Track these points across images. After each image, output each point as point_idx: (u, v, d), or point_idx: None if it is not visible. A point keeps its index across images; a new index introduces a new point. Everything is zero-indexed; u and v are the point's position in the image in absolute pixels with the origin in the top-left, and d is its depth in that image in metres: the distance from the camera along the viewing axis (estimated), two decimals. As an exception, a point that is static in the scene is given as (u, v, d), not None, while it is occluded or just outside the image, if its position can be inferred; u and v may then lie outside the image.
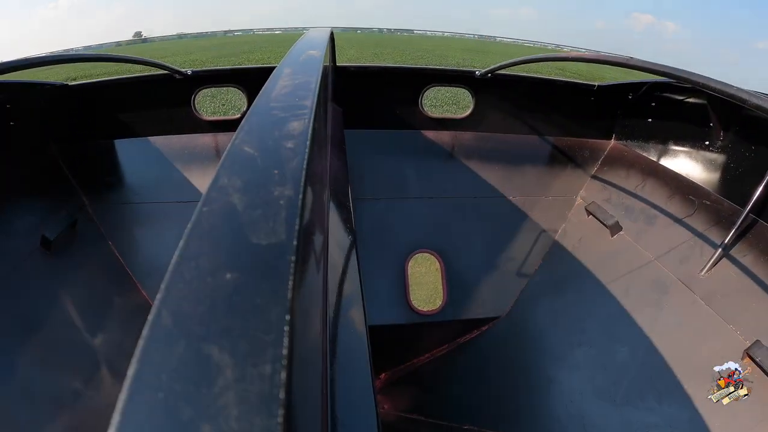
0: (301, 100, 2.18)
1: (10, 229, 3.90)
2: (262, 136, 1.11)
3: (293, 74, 1.50)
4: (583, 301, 4.05)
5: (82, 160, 4.75)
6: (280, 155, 1.39)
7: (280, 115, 1.58)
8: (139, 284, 4.41)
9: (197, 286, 0.59)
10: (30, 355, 3.42)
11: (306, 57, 1.94)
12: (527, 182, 4.81)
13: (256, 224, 0.70)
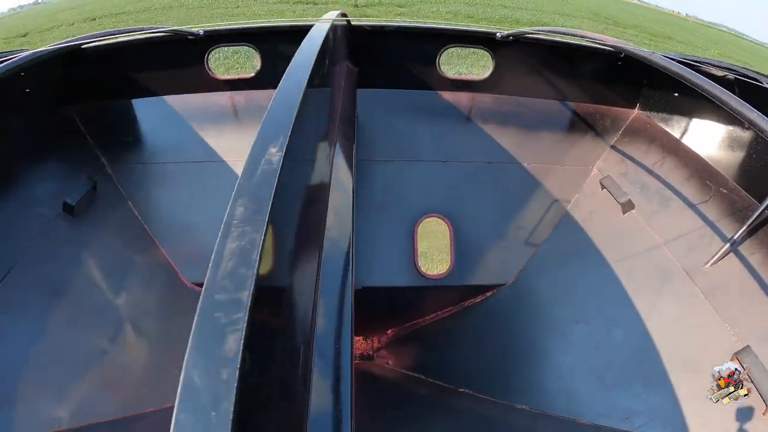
0: (298, 68, 2.47)
1: (33, 196, 4.12)
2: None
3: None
4: (586, 277, 4.10)
5: (100, 121, 4.86)
6: (274, 122, 1.69)
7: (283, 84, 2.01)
8: (158, 242, 4.57)
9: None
10: (58, 316, 3.70)
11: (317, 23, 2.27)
12: (544, 149, 4.75)
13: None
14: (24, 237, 3.87)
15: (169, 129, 4.94)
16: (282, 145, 1.48)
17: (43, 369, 3.41)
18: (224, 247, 1.15)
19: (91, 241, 4.26)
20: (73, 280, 3.95)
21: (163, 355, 4.02)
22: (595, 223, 4.36)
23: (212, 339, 0.98)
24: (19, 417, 3.15)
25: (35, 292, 3.70)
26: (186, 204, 4.72)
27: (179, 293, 4.45)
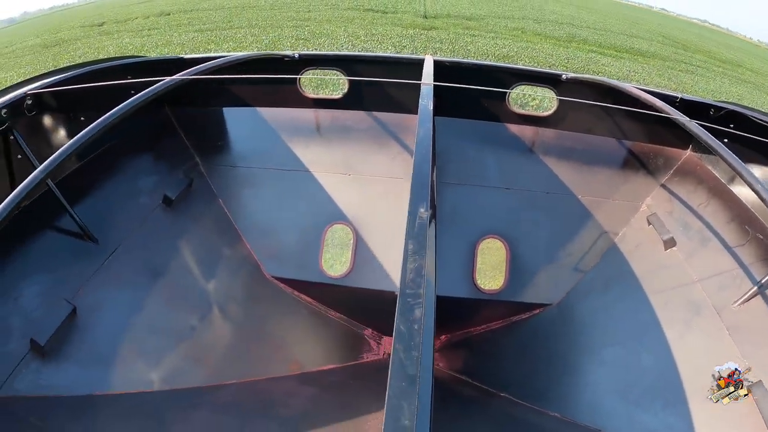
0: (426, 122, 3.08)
1: (137, 188, 4.66)
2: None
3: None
4: (625, 304, 4.38)
5: (195, 125, 5.41)
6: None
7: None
8: (244, 238, 5.11)
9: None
10: (155, 294, 4.22)
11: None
12: (598, 183, 5.00)
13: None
14: (128, 223, 4.37)
15: (259, 137, 5.41)
16: (428, 203, 2.12)
17: (140, 338, 3.90)
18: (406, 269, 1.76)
19: (186, 231, 4.78)
20: (170, 264, 4.47)
21: (243, 337, 4.51)
22: (638, 256, 4.60)
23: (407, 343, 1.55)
24: (117, 375, 3.60)
25: (136, 271, 4.21)
26: (270, 206, 5.22)
27: (260, 284, 4.97)
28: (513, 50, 23.14)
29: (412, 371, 1.48)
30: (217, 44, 23.19)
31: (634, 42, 32.56)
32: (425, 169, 2.45)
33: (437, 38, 24.54)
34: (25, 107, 3.87)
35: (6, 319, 3.34)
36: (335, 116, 5.32)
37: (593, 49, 27.42)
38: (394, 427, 1.33)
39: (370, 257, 5.02)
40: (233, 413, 3.81)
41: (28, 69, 22.48)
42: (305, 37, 23.37)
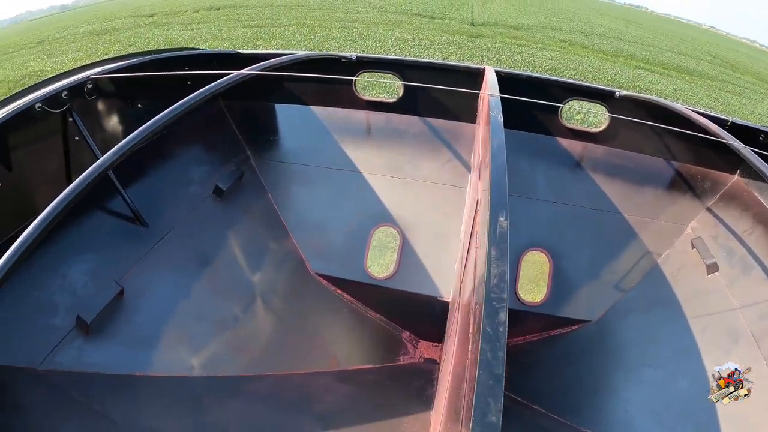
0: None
1: (188, 177, 4.80)
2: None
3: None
4: (664, 327, 4.36)
5: (248, 118, 5.53)
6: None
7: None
8: (291, 234, 5.20)
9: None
10: (202, 282, 4.34)
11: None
12: (644, 203, 4.97)
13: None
14: (178, 210, 4.52)
15: (311, 135, 5.49)
16: (507, 213, 2.22)
17: (183, 323, 4.02)
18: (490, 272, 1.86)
19: (235, 222, 4.91)
20: (217, 253, 4.60)
21: (284, 330, 4.60)
22: (680, 279, 4.56)
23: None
24: (158, 358, 3.72)
25: (184, 258, 4.35)
26: (318, 204, 5.30)
27: (304, 280, 5.05)
28: (560, 63, 22.98)
29: (499, 371, 1.56)
30: (265, 41, 23.46)
31: (682, 60, 32.05)
32: (503, 180, 2.55)
33: (484, 46, 24.47)
34: (85, 91, 4.03)
35: (53, 294, 3.47)
36: (388, 119, 5.38)
37: (640, 65, 27.04)
38: (482, 423, 1.41)
39: (415, 261, 5.05)
40: (271, 405, 3.89)
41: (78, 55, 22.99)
42: (353, 39, 23.50)
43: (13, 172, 3.57)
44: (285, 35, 24.36)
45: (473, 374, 1.70)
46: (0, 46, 30.65)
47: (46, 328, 3.35)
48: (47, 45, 27.76)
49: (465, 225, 4.81)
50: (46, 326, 3.35)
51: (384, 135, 5.40)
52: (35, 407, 3.01)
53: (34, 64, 22.17)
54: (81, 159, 4.05)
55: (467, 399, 1.83)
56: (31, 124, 3.67)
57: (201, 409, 3.61)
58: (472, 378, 1.73)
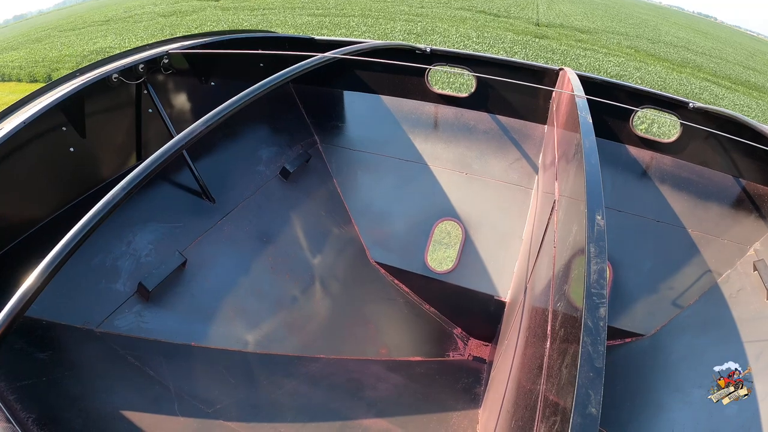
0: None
1: (256, 157, 4.90)
2: None
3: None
4: (718, 348, 4.24)
5: (317, 103, 5.58)
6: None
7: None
8: (353, 220, 5.26)
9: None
10: (263, 261, 4.43)
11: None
12: (709, 219, 4.87)
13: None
14: (245, 188, 4.62)
15: (379, 124, 5.50)
16: (603, 211, 2.26)
17: (242, 299, 4.12)
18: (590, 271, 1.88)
19: (299, 205, 4.98)
20: (280, 233, 4.68)
21: (339, 315, 4.66)
22: (738, 301, 4.43)
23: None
24: (215, 331, 3.81)
25: (247, 235, 4.44)
26: (383, 193, 5.32)
27: (363, 267, 5.10)
28: (625, 69, 22.57)
29: (599, 364, 1.58)
30: (330, 30, 23.68)
31: (750, 75, 31.08)
32: (597, 178, 2.56)
33: (548, 47, 24.20)
34: (162, 65, 4.13)
35: (117, 260, 3.60)
36: (459, 114, 5.36)
37: (707, 77, 26.38)
38: (583, 414, 1.45)
39: (475, 258, 5.05)
40: (322, 387, 3.93)
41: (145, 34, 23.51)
42: (417, 33, 23.50)
43: (87, 139, 3.67)
44: (350, 25, 24.54)
45: (556, 369, 1.75)
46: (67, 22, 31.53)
47: (108, 291, 3.47)
48: (114, 24, 28.55)
49: (529, 226, 4.79)
50: (107, 290, 3.47)
51: (453, 129, 5.39)
52: (92, 368, 3.12)
53: (102, 41, 22.83)
54: (153, 130, 4.19)
55: (545, 393, 1.88)
56: (108, 94, 3.79)
57: (254, 384, 3.68)
58: (555, 373, 1.78)
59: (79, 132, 3.61)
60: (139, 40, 21.53)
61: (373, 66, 5.22)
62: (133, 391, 3.06)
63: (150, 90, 4.06)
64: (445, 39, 22.68)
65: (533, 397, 2.07)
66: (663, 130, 14.06)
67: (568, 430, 1.43)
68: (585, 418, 1.45)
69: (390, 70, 5.27)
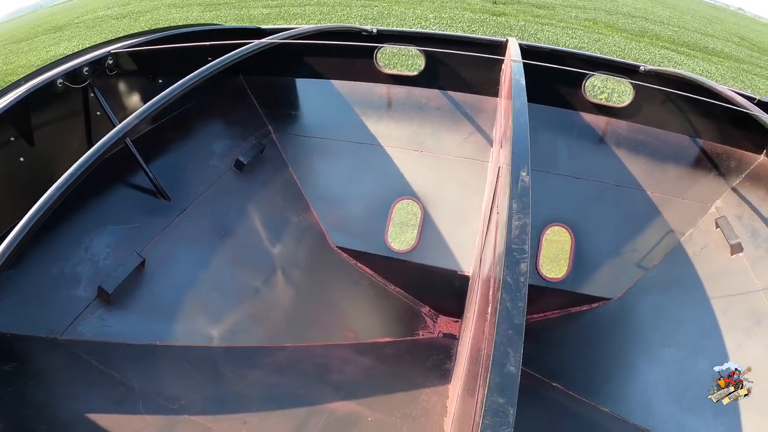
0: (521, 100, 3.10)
1: (210, 151, 4.83)
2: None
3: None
4: (684, 307, 4.32)
5: (269, 93, 5.55)
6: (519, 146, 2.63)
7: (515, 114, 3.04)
8: (312, 207, 5.24)
9: None
10: (223, 255, 4.39)
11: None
12: (668, 180, 4.94)
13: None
14: (200, 183, 4.57)
15: (332, 109, 5.53)
16: (529, 168, 2.20)
17: (204, 294, 4.09)
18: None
19: (256, 196, 4.95)
20: (238, 226, 4.64)
21: (303, 302, 4.65)
22: (702, 259, 4.52)
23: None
24: (179, 328, 3.79)
25: (205, 230, 4.40)
26: (340, 177, 5.34)
27: (324, 253, 5.11)
28: (584, 42, 22.68)
29: (519, 320, 1.53)
30: (285, 20, 23.41)
31: (709, 41, 31.38)
32: (524, 135, 2.56)
33: (506, 24, 24.25)
34: (106, 66, 4.05)
35: (76, 266, 3.55)
36: (410, 93, 5.36)
37: (666, 45, 26.57)
38: (501, 373, 1.39)
39: (435, 235, 5.04)
40: (288, 375, 3.90)
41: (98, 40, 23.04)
42: (373, 17, 23.40)
43: (36, 147, 3.62)
44: (305, 14, 24.32)
45: (492, 332, 1.67)
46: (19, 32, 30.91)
47: (69, 298, 3.42)
48: (67, 31, 27.96)
49: (487, 198, 4.80)
50: (68, 297, 3.43)
51: (405, 108, 5.38)
52: (56, 375, 3.09)
53: (55, 49, 22.40)
54: (103, 134, 4.07)
55: (485, 359, 1.81)
56: (53, 100, 3.72)
57: (220, 377, 3.65)
58: (491, 337, 1.70)
59: (27, 141, 3.56)
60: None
61: (322, 52, 5.21)
62: (98, 395, 3.03)
63: (96, 92, 3.98)
64: (402, 22, 22.62)
65: (478, 364, 2.04)
66: (624, 99, 14.31)
67: (485, 392, 1.37)
68: (503, 378, 1.40)
69: (338, 54, 5.26)
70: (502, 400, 1.33)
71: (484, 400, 1.34)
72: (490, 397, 1.34)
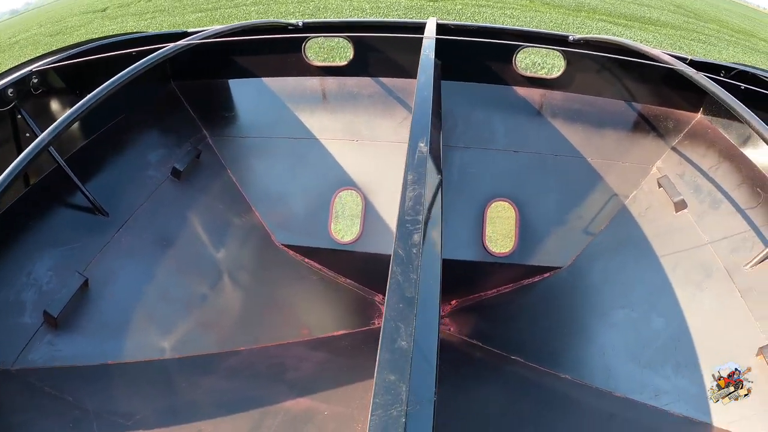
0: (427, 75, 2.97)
1: (145, 162, 4.72)
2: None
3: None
4: (635, 267, 4.40)
5: (201, 97, 5.45)
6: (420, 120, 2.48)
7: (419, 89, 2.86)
8: (253, 207, 5.16)
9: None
10: (166, 264, 4.30)
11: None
12: (607, 146, 5.01)
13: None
14: (138, 195, 4.47)
15: (265, 107, 5.47)
16: (428, 138, 2.15)
17: (151, 307, 4.00)
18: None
19: (196, 203, 4.87)
20: (180, 234, 4.56)
21: (254, 304, 4.60)
22: (648, 219, 4.63)
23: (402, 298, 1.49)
24: (129, 344, 3.70)
25: (147, 243, 4.31)
26: (279, 175, 5.29)
27: (270, 252, 5.04)
28: (521, 21, 22.97)
29: (411, 293, 1.48)
30: (221, 23, 23.02)
31: (645, 11, 31.95)
32: (424, 111, 2.53)
33: (445, 9, 24.37)
34: (31, 86, 3.91)
35: (20, 293, 3.43)
36: (341, 83, 5.35)
37: (603, 17, 27.04)
38: (391, 349, 1.34)
39: (378, 222, 5.06)
40: (243, 378, 3.86)
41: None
42: (310, 12, 23.25)
43: None
44: (240, 15, 24.03)
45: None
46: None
47: (16, 327, 3.33)
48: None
49: None
50: (15, 325, 3.34)
51: (338, 99, 5.39)
52: (11, 407, 3.00)
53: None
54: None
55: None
56: None
57: (173, 390, 3.60)
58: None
59: None
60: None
61: (251, 50, 5.16)
62: (53, 421, 2.96)
63: (24, 114, 3.82)
64: (338, 14, 22.54)
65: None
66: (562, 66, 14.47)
67: (376, 368, 1.31)
68: (394, 353, 1.34)
69: (267, 51, 5.23)
70: (393, 377, 1.28)
71: (374, 378, 1.29)
72: (380, 375, 1.28)
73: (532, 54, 16.15)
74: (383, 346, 1.34)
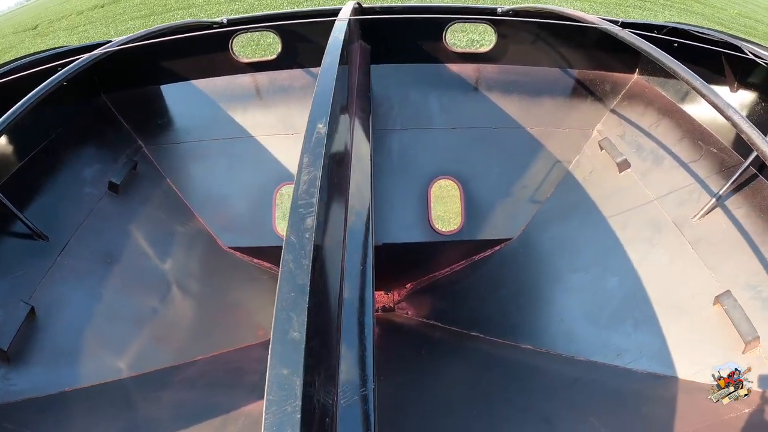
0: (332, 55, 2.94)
1: (81, 178, 4.57)
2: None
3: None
4: (585, 230, 4.45)
5: (133, 107, 5.31)
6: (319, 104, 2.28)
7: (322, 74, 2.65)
8: (196, 213, 5.05)
9: None
10: (112, 282, 4.17)
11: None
12: (546, 114, 5.02)
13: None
14: (77, 214, 4.32)
15: (198, 110, 5.35)
16: (327, 118, 2.06)
17: (102, 328, 3.89)
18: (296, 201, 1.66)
19: (137, 215, 4.74)
20: (123, 249, 4.43)
21: (207, 311, 4.53)
22: (593, 182, 4.67)
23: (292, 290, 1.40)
24: (85, 369, 3.59)
25: (90, 262, 4.17)
26: (219, 177, 5.19)
27: (217, 257, 4.95)
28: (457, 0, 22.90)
29: (302, 280, 1.42)
30: (156, 29, 22.64)
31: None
32: (325, 91, 2.42)
33: (384, -1, 24.20)
34: None
35: None
36: (272, 77, 5.27)
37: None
38: (283, 341, 1.28)
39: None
40: (202, 388, 3.81)
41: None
42: (244, 10, 22.89)
43: None
44: (176, 18, 23.58)
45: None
46: None
47: None
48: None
49: None
50: None
51: (270, 94, 5.30)
52: None
53: None
54: None
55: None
56: None
57: (135, 408, 3.54)
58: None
59: None
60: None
61: (177, 53, 5.04)
62: None
63: None
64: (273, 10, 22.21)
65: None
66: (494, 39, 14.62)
67: (269, 361, 1.26)
68: (286, 346, 1.28)
69: (195, 52, 5.12)
70: (287, 370, 1.24)
71: (267, 373, 1.24)
72: (272, 369, 1.24)
73: (469, 32, 16.12)
74: (275, 338, 1.29)
